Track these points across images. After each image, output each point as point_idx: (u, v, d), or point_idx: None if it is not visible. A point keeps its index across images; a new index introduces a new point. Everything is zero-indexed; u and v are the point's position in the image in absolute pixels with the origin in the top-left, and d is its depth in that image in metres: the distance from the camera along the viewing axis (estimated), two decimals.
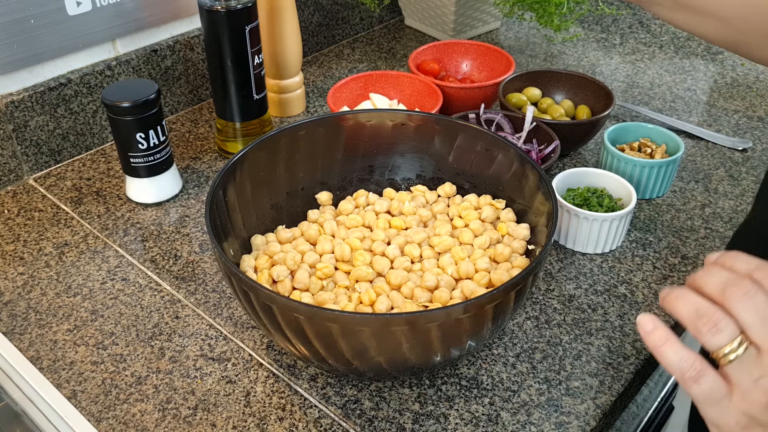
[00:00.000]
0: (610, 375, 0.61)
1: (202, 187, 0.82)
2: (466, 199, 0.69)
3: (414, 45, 1.15)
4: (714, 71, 1.08)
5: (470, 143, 0.69)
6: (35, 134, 0.82)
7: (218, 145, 0.87)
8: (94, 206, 0.79)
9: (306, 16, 1.07)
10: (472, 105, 0.90)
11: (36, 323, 0.65)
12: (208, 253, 0.73)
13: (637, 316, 0.43)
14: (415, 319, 0.49)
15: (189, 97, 0.96)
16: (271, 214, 0.68)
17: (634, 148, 0.82)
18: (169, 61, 0.91)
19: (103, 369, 0.61)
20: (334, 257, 0.63)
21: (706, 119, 0.96)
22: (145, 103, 0.72)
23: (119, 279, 0.70)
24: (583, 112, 0.89)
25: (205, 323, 0.65)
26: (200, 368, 0.61)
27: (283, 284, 0.60)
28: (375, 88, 0.93)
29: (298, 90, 0.95)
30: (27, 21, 0.77)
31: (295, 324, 0.50)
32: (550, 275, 0.71)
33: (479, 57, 0.99)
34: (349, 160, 0.72)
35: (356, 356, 0.52)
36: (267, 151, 0.66)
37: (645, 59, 1.11)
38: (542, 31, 1.18)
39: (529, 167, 0.63)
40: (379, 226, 0.67)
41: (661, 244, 0.75)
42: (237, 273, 0.51)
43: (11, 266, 0.71)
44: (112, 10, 0.83)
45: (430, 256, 0.64)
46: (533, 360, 0.62)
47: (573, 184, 0.76)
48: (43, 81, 0.81)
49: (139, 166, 0.76)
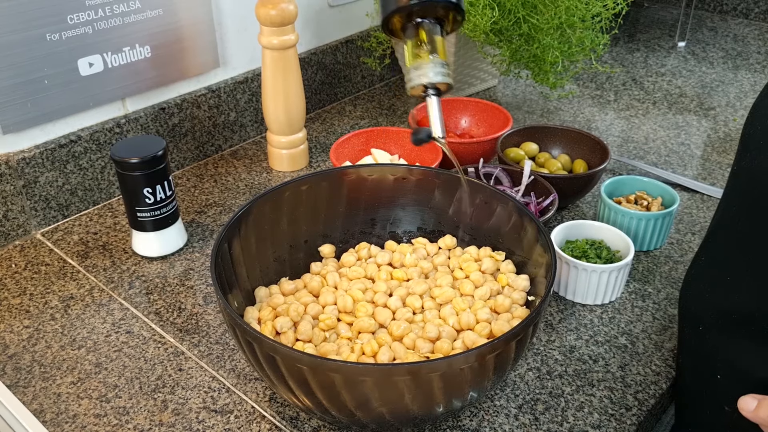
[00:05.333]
0: (612, 427, 0.61)
1: (206, 241, 0.84)
2: (466, 251, 0.71)
3: (414, 102, 1.18)
4: (707, 126, 1.10)
5: (470, 196, 0.70)
6: (44, 190, 0.84)
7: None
8: (100, 260, 0.80)
9: (309, 75, 1.10)
10: (471, 159, 0.92)
11: (40, 376, 0.65)
12: (211, 305, 0.74)
13: (738, 400, 0.44)
14: (417, 369, 0.49)
15: (195, 152, 0.99)
16: (274, 267, 0.69)
17: (630, 200, 0.84)
18: (177, 118, 0.94)
19: (105, 422, 0.61)
20: (337, 308, 0.64)
21: (701, 172, 0.98)
22: (152, 159, 0.74)
23: (123, 331, 0.70)
24: (579, 166, 0.91)
25: (208, 375, 0.66)
26: (203, 421, 0.61)
27: (287, 335, 0.61)
28: (376, 144, 0.95)
29: (301, 146, 0.97)
30: (41, 81, 0.79)
31: (298, 374, 0.51)
32: (551, 326, 0.71)
33: (478, 113, 1.02)
34: (351, 214, 0.73)
35: (359, 407, 0.52)
36: (271, 205, 0.67)
37: (639, 115, 1.14)
38: (538, 88, 1.22)
39: (527, 219, 0.65)
40: (381, 277, 0.68)
41: (660, 295, 0.76)
42: (241, 324, 0.52)
43: (17, 319, 0.72)
44: (123, 71, 0.86)
45: (432, 307, 0.64)
46: (535, 411, 0.62)
47: (571, 236, 0.78)
48: (54, 138, 0.84)
49: (146, 220, 0.78)
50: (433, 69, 0.59)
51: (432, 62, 0.59)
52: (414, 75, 0.59)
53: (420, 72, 0.59)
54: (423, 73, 0.59)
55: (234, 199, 0.92)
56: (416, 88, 0.60)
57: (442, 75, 0.59)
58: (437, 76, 0.59)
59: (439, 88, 0.60)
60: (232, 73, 1.01)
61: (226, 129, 1.02)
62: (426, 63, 0.59)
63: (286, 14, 0.85)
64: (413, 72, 0.60)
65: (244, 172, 0.98)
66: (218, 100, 0.99)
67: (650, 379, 0.66)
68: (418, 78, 0.59)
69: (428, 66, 0.59)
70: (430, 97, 0.60)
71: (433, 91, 0.60)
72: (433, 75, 0.59)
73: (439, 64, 0.59)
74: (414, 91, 0.60)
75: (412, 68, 0.60)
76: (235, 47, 0.99)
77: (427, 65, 0.59)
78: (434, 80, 0.59)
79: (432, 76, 0.59)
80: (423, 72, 0.59)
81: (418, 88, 0.60)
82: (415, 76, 0.59)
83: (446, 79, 0.59)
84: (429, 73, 0.59)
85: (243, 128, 1.04)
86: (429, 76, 0.59)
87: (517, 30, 0.98)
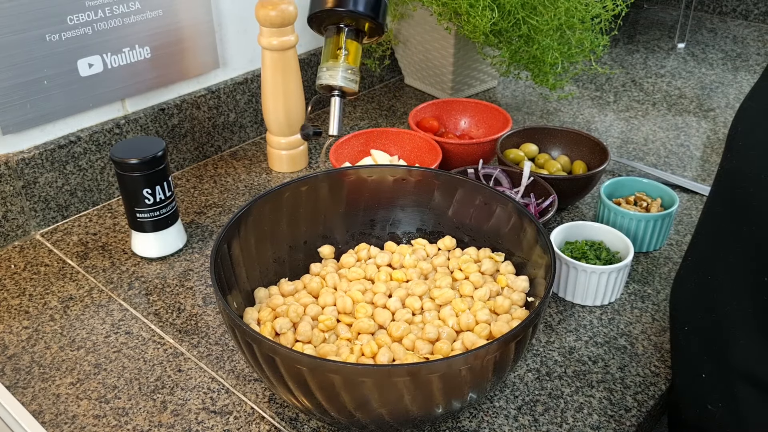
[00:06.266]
0: (612, 428, 0.61)
1: (206, 242, 0.84)
2: (465, 252, 0.71)
3: (414, 103, 1.18)
4: (706, 127, 1.10)
5: (469, 197, 0.70)
6: (44, 190, 0.84)
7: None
8: (99, 260, 0.80)
9: (309, 76, 1.10)
10: (471, 160, 0.92)
11: (39, 377, 0.65)
12: (211, 306, 0.74)
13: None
14: (416, 370, 0.49)
15: (194, 153, 0.99)
16: (274, 268, 0.69)
17: (630, 202, 0.84)
18: (176, 119, 0.94)
19: (105, 423, 0.61)
20: (336, 309, 0.64)
21: (700, 174, 0.98)
22: (152, 159, 0.74)
23: (123, 332, 0.70)
24: (579, 167, 0.91)
25: (208, 376, 0.66)
26: (202, 422, 0.61)
27: (286, 336, 0.61)
28: (376, 145, 0.95)
29: (301, 146, 0.97)
30: (40, 82, 0.80)
31: (297, 375, 0.51)
32: (551, 327, 0.71)
33: (477, 114, 1.02)
34: (350, 215, 0.73)
35: (358, 408, 0.52)
36: (270, 206, 0.67)
37: (639, 116, 1.14)
38: (538, 89, 1.22)
39: (527, 221, 0.65)
40: (381, 278, 0.68)
41: (659, 296, 0.76)
42: (240, 325, 0.52)
43: (16, 320, 0.72)
44: (123, 72, 0.86)
45: (431, 308, 0.64)
46: (535, 413, 0.62)
47: (571, 238, 0.78)
48: (53, 139, 0.84)
49: (145, 221, 0.78)
50: (343, 74, 0.67)
51: (342, 67, 0.67)
52: (324, 74, 0.67)
53: (331, 73, 0.67)
54: (333, 75, 0.67)
55: (233, 200, 0.92)
56: (324, 87, 0.68)
57: (348, 81, 0.68)
58: (344, 80, 0.68)
59: (344, 91, 0.68)
60: (232, 74, 1.01)
61: (226, 130, 1.02)
62: (337, 66, 0.67)
63: (285, 15, 0.85)
64: (325, 71, 0.67)
65: (244, 173, 0.98)
66: (218, 101, 0.99)
67: (649, 380, 0.66)
68: (327, 78, 0.67)
69: (338, 69, 0.67)
70: (335, 97, 0.68)
71: (338, 92, 0.68)
72: (341, 79, 0.67)
73: (350, 70, 0.67)
74: (321, 88, 0.68)
75: (326, 68, 0.67)
76: (234, 48, 0.99)
77: (338, 68, 0.67)
78: (341, 84, 0.68)
79: (340, 79, 0.67)
80: (333, 74, 0.67)
81: (326, 87, 0.68)
82: (326, 75, 0.67)
83: (351, 85, 0.68)
84: (338, 76, 0.67)
85: (243, 129, 1.04)
86: (337, 79, 0.67)
87: (517, 31, 0.98)
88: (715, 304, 0.55)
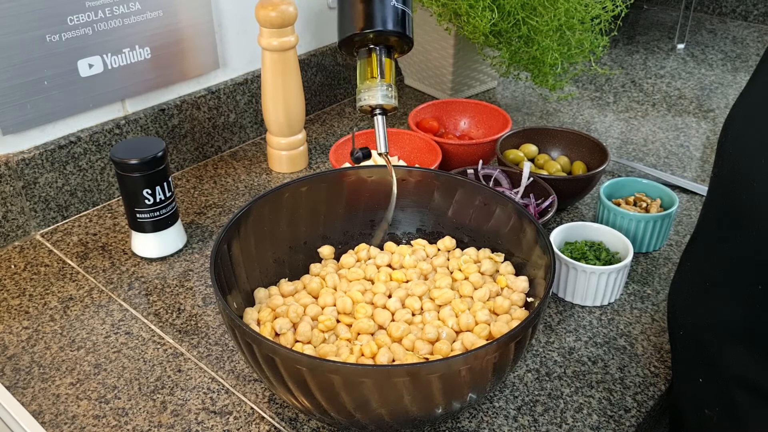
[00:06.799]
0: (611, 428, 0.61)
1: (206, 242, 0.84)
2: (465, 252, 0.71)
3: (413, 103, 1.18)
4: (706, 128, 1.10)
5: (469, 198, 0.70)
6: (44, 191, 0.84)
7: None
8: (99, 261, 0.80)
9: (309, 76, 1.10)
10: (471, 161, 0.92)
11: (39, 377, 0.65)
12: (211, 306, 0.74)
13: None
14: (416, 371, 0.49)
15: (194, 154, 0.99)
16: (273, 268, 0.69)
17: (629, 202, 0.84)
18: (176, 119, 0.94)
19: (105, 423, 0.61)
20: (336, 310, 0.64)
21: (700, 174, 0.98)
22: (152, 160, 0.75)
23: (123, 333, 0.71)
24: (578, 167, 0.91)
25: (208, 377, 0.66)
26: (202, 422, 0.61)
27: (286, 337, 0.61)
28: (376, 145, 0.95)
29: (301, 147, 0.97)
30: (41, 82, 0.80)
31: (297, 376, 0.51)
32: (550, 328, 0.71)
33: (477, 115, 1.02)
34: (350, 215, 0.73)
35: (358, 408, 0.52)
36: (270, 206, 0.67)
37: (638, 117, 1.14)
38: (538, 90, 1.22)
39: (526, 221, 0.65)
40: (381, 279, 0.68)
41: (659, 296, 0.76)
42: (240, 325, 0.52)
43: (16, 320, 0.72)
44: (123, 72, 0.87)
45: (431, 308, 0.64)
46: (534, 413, 0.62)
47: (571, 238, 0.78)
48: (53, 139, 0.84)
49: (145, 221, 0.78)
50: (381, 92, 0.68)
51: (380, 85, 0.68)
52: (364, 96, 0.68)
53: (370, 94, 0.68)
54: (372, 95, 0.68)
55: (233, 200, 0.92)
56: (365, 108, 0.69)
57: (388, 98, 0.68)
58: (384, 98, 0.68)
59: (385, 109, 0.69)
60: (232, 75, 1.01)
61: (226, 130, 1.02)
62: (375, 86, 0.68)
63: (285, 16, 0.86)
64: (364, 93, 0.68)
65: (244, 173, 0.98)
66: (218, 102, 0.99)
67: (649, 380, 0.66)
68: (367, 99, 0.68)
69: (377, 89, 0.68)
70: (377, 116, 0.69)
71: (380, 111, 0.69)
72: (380, 97, 0.68)
73: (387, 87, 0.68)
74: (363, 109, 0.69)
75: (364, 89, 0.68)
76: (234, 49, 0.99)
77: (376, 88, 0.68)
78: (381, 102, 0.68)
79: (380, 98, 0.68)
80: (372, 94, 0.68)
81: (367, 108, 0.69)
82: (366, 96, 0.68)
83: (392, 101, 0.68)
84: (377, 95, 0.68)
85: (242, 130, 1.04)
86: (377, 98, 0.68)
87: (517, 32, 0.98)
88: (709, 309, 0.55)
